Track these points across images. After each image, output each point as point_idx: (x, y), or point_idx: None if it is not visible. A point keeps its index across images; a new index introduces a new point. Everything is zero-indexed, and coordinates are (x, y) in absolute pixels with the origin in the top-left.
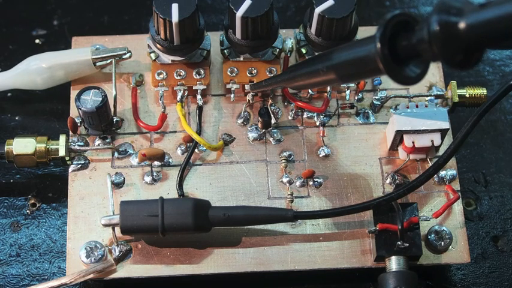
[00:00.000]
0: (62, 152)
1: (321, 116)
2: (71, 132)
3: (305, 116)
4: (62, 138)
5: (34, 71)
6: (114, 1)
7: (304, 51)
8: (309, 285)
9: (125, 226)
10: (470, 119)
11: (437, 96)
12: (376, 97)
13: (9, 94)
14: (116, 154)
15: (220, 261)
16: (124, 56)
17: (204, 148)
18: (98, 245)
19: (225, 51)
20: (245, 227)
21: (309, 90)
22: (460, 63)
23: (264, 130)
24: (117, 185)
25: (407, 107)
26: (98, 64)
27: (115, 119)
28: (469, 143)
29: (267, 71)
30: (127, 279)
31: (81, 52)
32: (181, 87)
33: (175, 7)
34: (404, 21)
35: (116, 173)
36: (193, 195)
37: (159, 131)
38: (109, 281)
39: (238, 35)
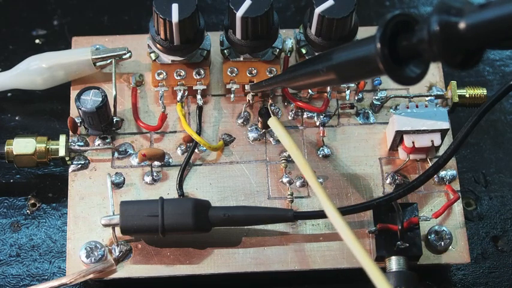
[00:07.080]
0: (62, 152)
1: (321, 116)
2: (71, 132)
3: (305, 116)
4: (62, 138)
5: (34, 71)
6: (114, 1)
7: (304, 51)
8: (309, 285)
9: (125, 226)
10: (470, 119)
11: (437, 96)
12: (376, 97)
13: (9, 94)
14: (116, 154)
15: (220, 261)
16: (124, 56)
17: (204, 148)
18: (98, 245)
19: (225, 51)
20: (245, 227)
21: (309, 90)
22: (460, 64)
23: (264, 130)
24: (117, 185)
25: (407, 107)
26: (98, 64)
27: (115, 119)
28: (469, 143)
29: (267, 71)
30: (127, 279)
31: (81, 52)
32: (181, 87)
33: (175, 7)
34: (404, 21)
35: (116, 173)
36: (193, 195)
37: (159, 131)
38: (109, 281)
39: (238, 35)
